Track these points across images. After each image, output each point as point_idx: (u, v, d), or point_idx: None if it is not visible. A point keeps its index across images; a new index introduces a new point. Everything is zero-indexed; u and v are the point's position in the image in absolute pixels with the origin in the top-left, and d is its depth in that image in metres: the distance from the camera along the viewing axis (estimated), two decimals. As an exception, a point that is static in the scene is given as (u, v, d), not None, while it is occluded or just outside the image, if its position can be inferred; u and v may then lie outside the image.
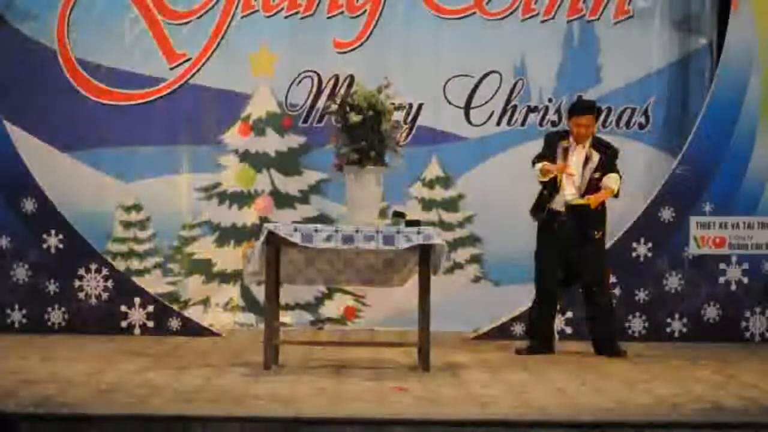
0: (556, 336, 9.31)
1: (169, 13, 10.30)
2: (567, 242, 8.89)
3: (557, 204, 8.93)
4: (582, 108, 9.12)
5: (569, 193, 8.90)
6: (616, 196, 8.96)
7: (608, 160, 8.94)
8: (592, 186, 8.88)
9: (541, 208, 8.97)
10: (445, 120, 10.37)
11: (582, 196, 8.87)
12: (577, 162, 8.91)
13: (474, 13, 10.35)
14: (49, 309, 9.81)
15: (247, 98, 10.37)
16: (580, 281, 9.03)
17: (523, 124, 10.37)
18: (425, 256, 7.93)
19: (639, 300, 9.88)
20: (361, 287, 9.79)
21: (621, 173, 8.97)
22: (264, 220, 10.03)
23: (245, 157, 10.39)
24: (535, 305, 9.12)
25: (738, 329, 9.90)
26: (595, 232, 8.93)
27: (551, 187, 8.90)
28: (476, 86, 10.35)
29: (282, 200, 10.38)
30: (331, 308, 10.39)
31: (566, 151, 8.92)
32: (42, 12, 10.21)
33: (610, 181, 8.88)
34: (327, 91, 10.25)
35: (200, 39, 10.29)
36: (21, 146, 9.87)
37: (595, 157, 8.92)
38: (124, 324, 9.82)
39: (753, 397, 7.12)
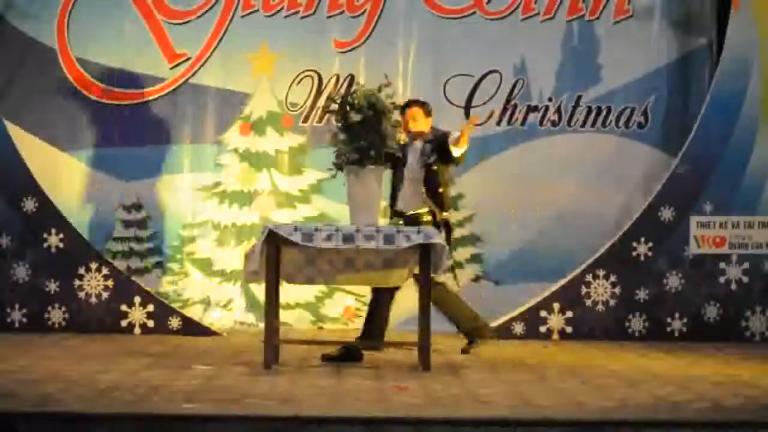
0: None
1: (169, 13, 10.30)
2: None
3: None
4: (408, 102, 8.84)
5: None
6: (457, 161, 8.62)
7: (435, 142, 8.61)
8: (430, 173, 8.58)
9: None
10: (445, 119, 10.34)
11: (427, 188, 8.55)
12: (414, 156, 8.64)
13: (474, 12, 10.35)
14: (50, 308, 9.81)
15: (247, 98, 10.38)
16: None
17: (523, 123, 10.37)
18: (425, 255, 7.93)
19: (639, 299, 9.87)
20: (361, 286, 9.79)
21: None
22: (264, 219, 10.05)
23: (245, 156, 10.39)
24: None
25: (738, 329, 9.90)
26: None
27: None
28: (476, 86, 10.35)
29: (282, 199, 10.38)
30: (332, 308, 10.40)
31: (404, 147, 8.63)
32: (42, 11, 10.22)
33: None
34: (327, 91, 10.26)
35: (200, 38, 10.29)
36: (21, 146, 9.88)
37: (427, 147, 8.63)
38: (124, 323, 9.82)
39: (753, 396, 7.12)
